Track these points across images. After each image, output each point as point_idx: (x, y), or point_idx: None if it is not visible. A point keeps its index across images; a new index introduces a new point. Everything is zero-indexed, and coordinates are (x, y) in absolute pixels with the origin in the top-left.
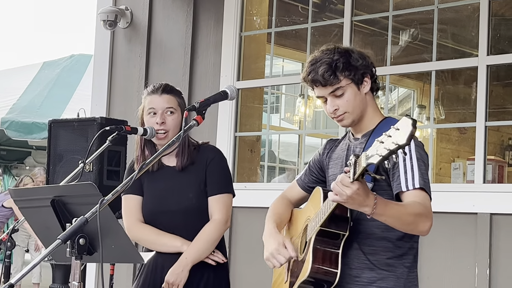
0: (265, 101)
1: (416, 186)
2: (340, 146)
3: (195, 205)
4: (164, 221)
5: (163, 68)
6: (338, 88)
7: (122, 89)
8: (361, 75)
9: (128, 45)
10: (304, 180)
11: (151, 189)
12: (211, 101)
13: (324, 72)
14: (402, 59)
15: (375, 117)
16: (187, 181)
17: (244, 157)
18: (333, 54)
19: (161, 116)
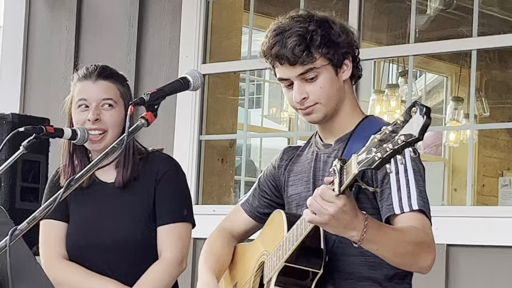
0: (242, 92)
1: (413, 207)
2: (304, 155)
3: (137, 237)
4: (94, 258)
5: (99, 46)
6: (310, 69)
7: (42, 75)
8: (342, 55)
9: (50, 13)
10: (252, 204)
11: (79, 213)
12: (166, 91)
13: (295, 46)
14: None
15: (354, 116)
16: (129, 203)
17: (213, 169)
18: (309, 24)
19: (95, 110)
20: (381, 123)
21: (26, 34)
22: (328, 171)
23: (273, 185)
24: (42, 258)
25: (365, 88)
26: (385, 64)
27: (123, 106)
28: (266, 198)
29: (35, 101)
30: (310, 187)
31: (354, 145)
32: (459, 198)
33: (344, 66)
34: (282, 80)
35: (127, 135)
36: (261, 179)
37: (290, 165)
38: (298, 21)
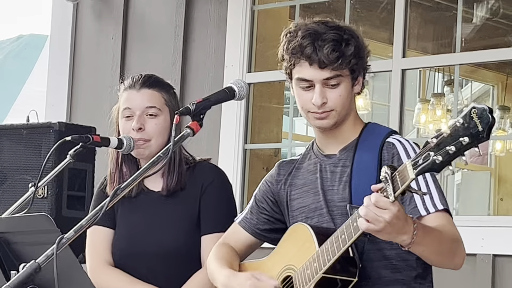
0: (287, 100)
1: (438, 207)
2: (305, 168)
3: (182, 246)
4: (138, 265)
5: (145, 55)
6: (336, 76)
7: (88, 84)
8: (362, 69)
9: (97, 23)
10: (251, 221)
11: (126, 221)
12: (212, 101)
13: (331, 51)
14: (476, 43)
15: (356, 125)
16: (174, 213)
17: (258, 177)
18: (343, 32)
19: (139, 119)
20: (384, 129)
21: (73, 44)
22: (337, 181)
23: (271, 200)
24: (88, 264)
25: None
26: (431, 73)
27: (169, 114)
28: (265, 214)
29: (82, 110)
30: (319, 198)
31: (362, 152)
32: (506, 208)
33: (358, 79)
34: (302, 80)
35: (172, 144)
36: (257, 196)
37: (291, 179)
38: (331, 27)
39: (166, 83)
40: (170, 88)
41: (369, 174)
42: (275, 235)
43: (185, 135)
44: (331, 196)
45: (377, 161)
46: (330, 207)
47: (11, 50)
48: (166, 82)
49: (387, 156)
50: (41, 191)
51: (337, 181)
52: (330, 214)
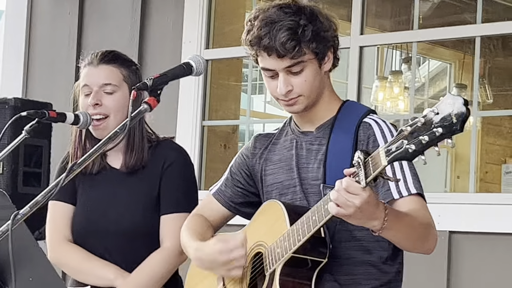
0: (245, 77)
1: (412, 191)
2: (281, 143)
3: (140, 225)
4: (96, 242)
5: (102, 30)
6: (297, 63)
7: (44, 59)
8: (325, 48)
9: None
10: (226, 194)
11: (85, 198)
12: (169, 76)
13: (286, 40)
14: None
15: (332, 103)
16: (134, 190)
17: (215, 155)
18: (299, 17)
19: (95, 95)
20: (361, 108)
21: (29, 19)
22: (312, 159)
23: (246, 174)
24: (47, 239)
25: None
26: (389, 50)
27: (128, 91)
28: (240, 188)
29: (38, 86)
30: (294, 175)
31: (339, 130)
32: (462, 185)
33: (326, 58)
34: (266, 70)
35: (129, 120)
36: (233, 168)
37: (266, 153)
38: (288, 13)
39: (127, 59)
40: (131, 64)
41: (344, 154)
42: (249, 209)
43: (142, 111)
44: (306, 174)
45: (353, 141)
46: (304, 185)
47: None
48: (127, 58)
49: (363, 137)
50: None
51: (312, 159)
52: (304, 192)
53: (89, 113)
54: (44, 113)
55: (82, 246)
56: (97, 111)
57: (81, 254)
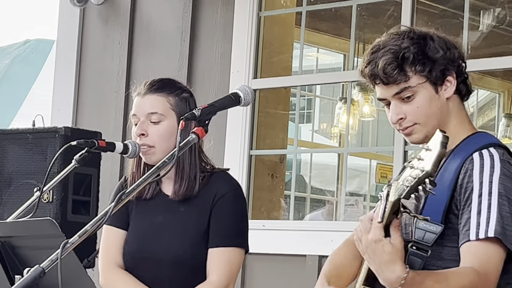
0: (292, 107)
1: (489, 234)
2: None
3: (188, 255)
4: (146, 269)
5: (151, 60)
6: (405, 89)
7: (94, 89)
8: (441, 72)
9: (103, 28)
10: None
11: (138, 223)
12: (217, 107)
13: (385, 65)
14: (483, 50)
15: (461, 132)
16: (185, 219)
17: (263, 184)
18: (402, 40)
19: (141, 125)
20: (485, 139)
21: (80, 49)
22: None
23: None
24: (99, 264)
25: None
26: None
27: (175, 119)
28: None
29: (88, 115)
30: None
31: (452, 161)
32: None
33: (446, 83)
34: (380, 100)
35: (177, 150)
36: None
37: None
38: (393, 38)
39: (178, 86)
40: (181, 92)
41: (442, 187)
42: None
43: (191, 141)
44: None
45: (455, 175)
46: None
47: (17, 54)
48: (178, 85)
49: (462, 170)
50: (46, 195)
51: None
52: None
53: (137, 142)
54: (94, 142)
55: (132, 272)
56: (143, 141)
57: (130, 281)
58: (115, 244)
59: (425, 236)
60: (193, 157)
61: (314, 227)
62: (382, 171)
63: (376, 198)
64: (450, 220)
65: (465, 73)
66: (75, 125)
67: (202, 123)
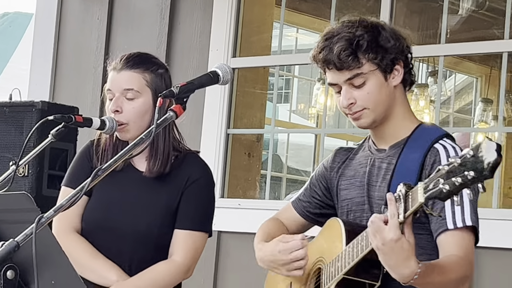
0: (271, 86)
1: (467, 223)
2: (357, 159)
3: (154, 232)
4: (106, 239)
5: (130, 37)
6: (358, 75)
7: (72, 64)
8: (391, 60)
9: (83, 2)
10: (303, 203)
11: (104, 193)
12: (195, 85)
13: (341, 51)
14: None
15: (407, 122)
16: (154, 197)
17: (239, 163)
18: (356, 29)
19: (116, 101)
20: (436, 131)
21: (58, 23)
22: (381, 177)
23: (324, 186)
24: (54, 227)
25: None
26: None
27: (151, 95)
28: (316, 199)
29: (65, 90)
30: (363, 193)
31: (409, 152)
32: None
33: (394, 72)
34: (331, 85)
35: (155, 127)
36: (313, 179)
37: (343, 168)
38: (347, 26)
39: (154, 62)
40: (157, 68)
41: (409, 177)
42: (324, 220)
43: (168, 118)
44: (373, 193)
45: (419, 165)
46: (371, 203)
47: None
48: (155, 61)
49: (428, 162)
50: (22, 169)
51: (380, 178)
52: (371, 211)
53: (114, 118)
54: (71, 117)
55: (91, 240)
56: (117, 118)
57: (88, 248)
58: (74, 208)
59: None
60: (168, 135)
61: None
62: None
63: None
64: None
65: (411, 64)
66: (52, 100)
67: (180, 100)
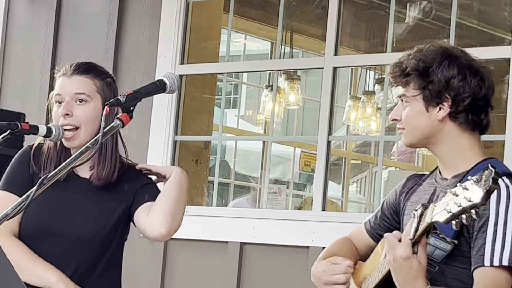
0: (219, 92)
1: (503, 262)
2: (424, 185)
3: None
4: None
5: (78, 42)
6: (403, 95)
7: (19, 69)
8: (437, 94)
9: (30, 7)
10: (373, 226)
11: (46, 198)
12: (142, 93)
13: (394, 67)
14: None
15: (471, 155)
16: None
17: (187, 169)
18: (425, 52)
19: (67, 105)
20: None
21: (5, 28)
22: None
23: (393, 210)
24: None
25: (342, 93)
26: (363, 70)
27: (100, 102)
28: (386, 222)
29: (11, 95)
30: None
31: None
32: None
33: (442, 106)
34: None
35: (101, 135)
36: (385, 202)
37: (410, 193)
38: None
39: (102, 70)
40: (105, 76)
41: None
42: None
43: (115, 127)
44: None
45: None
46: None
47: None
48: (103, 70)
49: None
50: None
51: None
52: None
53: (60, 124)
54: (17, 125)
55: (31, 246)
56: (67, 121)
57: (25, 251)
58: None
59: (435, 252)
60: (115, 142)
61: (236, 214)
62: (306, 159)
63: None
64: (458, 242)
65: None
66: None
67: (127, 109)
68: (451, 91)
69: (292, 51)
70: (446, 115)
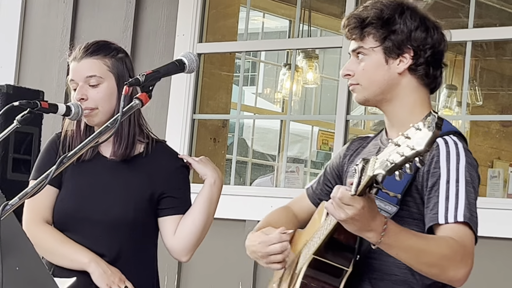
0: (237, 70)
1: (458, 219)
2: (368, 148)
3: (130, 218)
4: (82, 231)
5: (96, 20)
6: (360, 48)
7: (38, 47)
8: (398, 44)
9: None
10: (315, 191)
11: (74, 183)
12: (161, 73)
13: (351, 19)
14: None
15: (417, 112)
16: (127, 183)
17: (205, 148)
18: (385, 3)
19: (80, 90)
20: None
21: (24, 6)
22: None
23: (336, 174)
24: (24, 218)
25: None
26: None
27: (113, 80)
28: (329, 186)
29: (31, 73)
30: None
31: None
32: None
33: (401, 58)
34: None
35: (121, 115)
36: (327, 167)
37: (354, 155)
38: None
39: (113, 47)
40: (116, 53)
41: None
42: None
43: (134, 106)
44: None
45: None
46: None
47: None
48: (113, 46)
49: (428, 156)
50: None
51: None
52: None
53: (80, 104)
54: (36, 103)
55: (63, 231)
56: (84, 105)
57: (57, 236)
58: (44, 200)
59: None
60: (133, 118)
61: (254, 192)
62: (323, 138)
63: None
64: (406, 203)
65: (432, 62)
66: (17, 83)
67: (146, 88)
68: (414, 42)
69: (310, 30)
70: (406, 68)
